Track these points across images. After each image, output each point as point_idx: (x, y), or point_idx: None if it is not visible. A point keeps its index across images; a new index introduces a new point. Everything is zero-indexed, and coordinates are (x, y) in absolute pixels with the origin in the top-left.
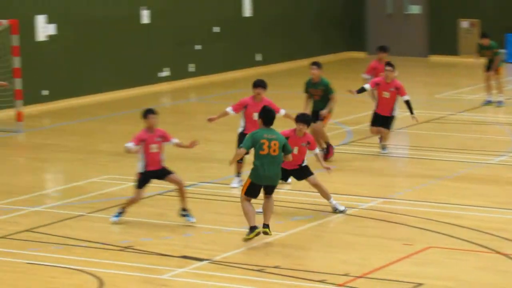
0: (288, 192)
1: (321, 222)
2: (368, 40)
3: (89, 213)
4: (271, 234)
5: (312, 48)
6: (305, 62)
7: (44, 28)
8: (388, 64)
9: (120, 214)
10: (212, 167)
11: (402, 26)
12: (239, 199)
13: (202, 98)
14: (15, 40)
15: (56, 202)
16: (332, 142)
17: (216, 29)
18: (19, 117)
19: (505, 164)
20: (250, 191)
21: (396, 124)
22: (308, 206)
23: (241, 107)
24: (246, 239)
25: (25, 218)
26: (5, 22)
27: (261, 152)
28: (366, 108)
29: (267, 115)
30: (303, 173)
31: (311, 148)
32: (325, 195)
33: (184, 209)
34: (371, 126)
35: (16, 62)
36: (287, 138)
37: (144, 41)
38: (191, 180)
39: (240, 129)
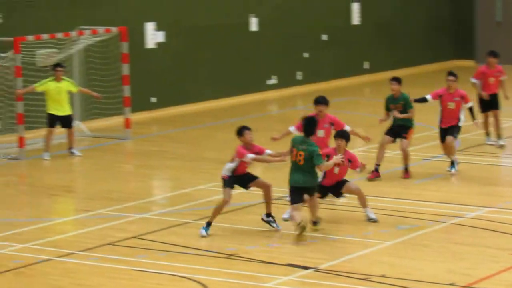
0: (393, 200)
1: (427, 231)
2: (477, 48)
3: (195, 220)
4: (318, 228)
5: (419, 56)
6: (413, 70)
7: (153, 36)
8: (451, 73)
9: (209, 225)
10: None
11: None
12: (344, 208)
13: (309, 106)
14: (124, 48)
15: (163, 209)
16: (440, 151)
17: (324, 37)
18: (127, 124)
19: None
20: (292, 196)
21: (506, 133)
22: (414, 215)
23: None
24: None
25: (132, 225)
26: (114, 29)
27: (291, 158)
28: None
29: (304, 125)
30: (338, 187)
31: (353, 167)
32: (363, 202)
33: (268, 215)
34: (442, 143)
35: (125, 69)
36: (327, 156)
37: (253, 48)
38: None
39: None
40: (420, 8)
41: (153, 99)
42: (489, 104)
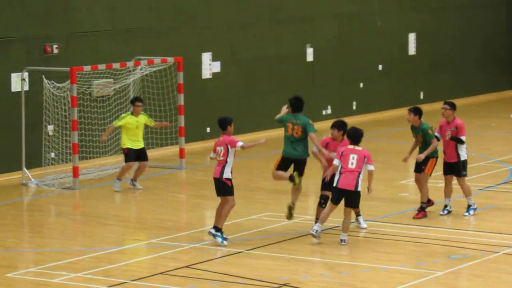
0: (445, 230)
1: (480, 261)
2: None
3: (248, 250)
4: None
5: (474, 86)
6: (468, 100)
7: (209, 66)
8: (445, 103)
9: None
10: (372, 206)
11: None
12: (399, 239)
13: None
14: (180, 78)
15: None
16: (494, 181)
17: (380, 67)
18: (181, 154)
19: None
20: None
21: None
22: (466, 245)
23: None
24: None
25: (185, 254)
26: (171, 59)
27: (287, 133)
28: None
29: (292, 103)
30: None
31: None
32: (345, 227)
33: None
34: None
35: (181, 99)
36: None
37: (308, 78)
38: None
39: None
40: (475, 38)
41: (208, 129)
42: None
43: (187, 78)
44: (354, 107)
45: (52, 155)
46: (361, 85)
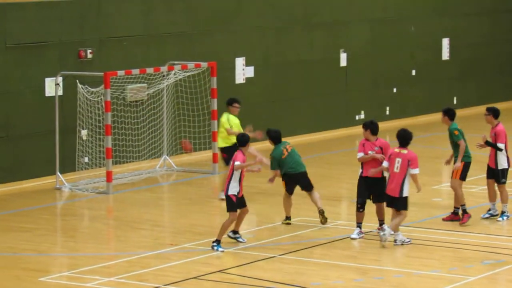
0: (478, 235)
1: None
2: None
3: (280, 254)
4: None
5: (506, 91)
6: (503, 105)
7: (242, 71)
8: (487, 109)
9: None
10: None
11: None
12: (433, 244)
13: (395, 141)
14: (213, 82)
15: (249, 244)
16: None
17: (414, 72)
18: (214, 158)
19: None
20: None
21: None
22: (499, 250)
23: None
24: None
25: (217, 259)
26: (204, 64)
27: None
28: None
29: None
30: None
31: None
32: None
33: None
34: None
35: (214, 104)
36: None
37: (342, 83)
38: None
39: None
40: (509, 42)
41: None
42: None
43: (220, 83)
44: (388, 112)
45: (86, 159)
46: (395, 90)
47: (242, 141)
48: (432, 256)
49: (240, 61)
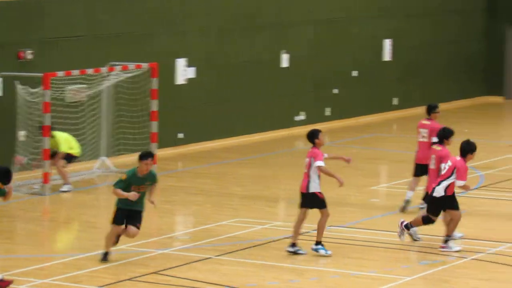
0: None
1: (448, 266)
2: (507, 84)
3: (216, 255)
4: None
5: (449, 92)
6: (442, 106)
7: (183, 72)
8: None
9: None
10: (342, 211)
11: None
12: (370, 244)
13: (334, 142)
14: (154, 83)
15: (185, 245)
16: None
17: (355, 73)
18: (154, 160)
19: None
20: None
21: None
22: (437, 251)
23: None
24: None
25: (153, 260)
26: (145, 65)
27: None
28: (501, 153)
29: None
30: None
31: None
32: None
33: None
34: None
35: (154, 105)
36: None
37: (283, 85)
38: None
39: None
40: (450, 44)
41: (181, 135)
42: None
43: (161, 84)
44: (328, 113)
45: (25, 160)
46: (336, 91)
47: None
48: (369, 257)
49: (181, 62)
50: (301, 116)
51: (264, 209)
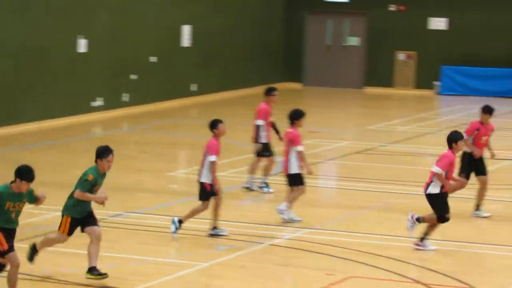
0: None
1: (245, 252)
2: (306, 71)
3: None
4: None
5: (248, 78)
6: (241, 92)
7: None
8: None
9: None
10: (140, 197)
11: (340, 57)
12: (163, 230)
13: (133, 128)
14: None
15: None
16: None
17: (153, 59)
18: None
19: None
20: None
21: (328, 154)
22: (233, 236)
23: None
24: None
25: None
26: None
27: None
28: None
29: None
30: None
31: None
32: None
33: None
34: None
35: None
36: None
37: (80, 70)
38: (117, 210)
39: None
40: (250, 31)
41: None
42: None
43: None
44: (126, 99)
45: None
46: (133, 76)
47: None
48: (166, 243)
49: None
50: (98, 102)
51: (57, 195)
